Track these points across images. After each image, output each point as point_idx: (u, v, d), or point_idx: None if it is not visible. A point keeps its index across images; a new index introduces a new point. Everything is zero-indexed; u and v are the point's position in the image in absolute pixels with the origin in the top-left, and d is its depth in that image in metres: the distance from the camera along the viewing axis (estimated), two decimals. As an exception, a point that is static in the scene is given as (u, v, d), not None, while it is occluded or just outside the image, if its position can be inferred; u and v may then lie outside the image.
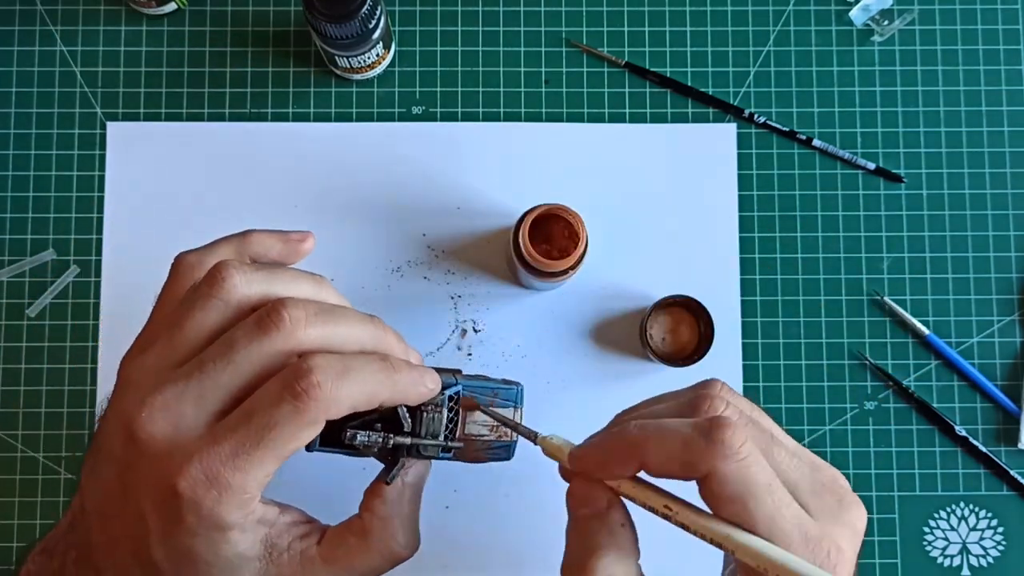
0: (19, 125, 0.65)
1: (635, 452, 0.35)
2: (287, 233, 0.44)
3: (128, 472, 0.36)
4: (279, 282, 0.39)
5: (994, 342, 0.65)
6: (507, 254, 0.62)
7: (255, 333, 0.36)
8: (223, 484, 0.35)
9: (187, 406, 0.36)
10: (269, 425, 0.35)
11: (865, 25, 0.67)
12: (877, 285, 0.65)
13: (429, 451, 0.42)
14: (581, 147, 0.65)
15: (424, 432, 0.42)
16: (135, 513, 0.36)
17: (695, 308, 0.62)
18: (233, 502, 0.35)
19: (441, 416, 0.42)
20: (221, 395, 0.36)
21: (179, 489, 0.35)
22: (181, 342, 0.37)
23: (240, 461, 0.35)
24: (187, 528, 0.35)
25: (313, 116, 0.66)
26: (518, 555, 0.62)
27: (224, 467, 0.35)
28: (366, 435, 0.40)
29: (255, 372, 0.36)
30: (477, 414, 0.43)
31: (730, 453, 0.33)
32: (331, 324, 0.38)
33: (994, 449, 0.64)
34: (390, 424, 0.41)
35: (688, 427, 0.34)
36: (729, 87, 0.66)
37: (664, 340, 0.63)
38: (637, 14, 0.67)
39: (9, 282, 0.64)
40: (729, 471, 0.33)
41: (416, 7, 0.67)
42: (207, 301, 0.38)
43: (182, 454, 0.35)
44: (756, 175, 0.66)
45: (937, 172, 0.66)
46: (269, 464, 0.36)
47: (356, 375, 0.37)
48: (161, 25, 0.66)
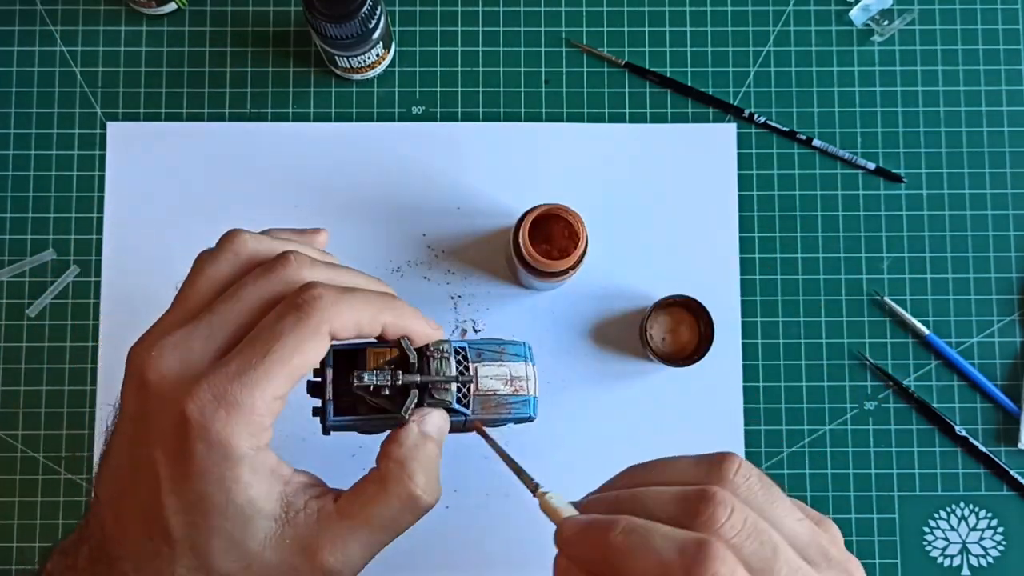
0: (19, 125, 0.65)
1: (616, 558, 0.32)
2: (302, 229, 0.44)
3: (139, 424, 0.37)
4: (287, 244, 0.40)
5: (994, 342, 0.65)
6: (507, 254, 0.62)
7: (263, 274, 0.37)
8: (231, 401, 0.35)
9: (195, 343, 0.36)
10: (274, 337, 0.35)
11: (865, 25, 0.67)
12: (877, 285, 0.65)
13: (442, 394, 0.41)
14: (581, 147, 0.65)
15: (433, 374, 0.41)
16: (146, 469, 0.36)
17: (695, 308, 0.62)
18: (242, 422, 0.35)
19: (449, 362, 0.41)
20: (229, 331, 0.36)
21: (187, 413, 0.35)
22: (193, 296, 0.38)
23: (247, 377, 0.35)
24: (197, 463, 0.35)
25: (313, 116, 0.66)
26: (518, 555, 0.62)
27: (231, 383, 0.35)
28: (374, 374, 0.39)
29: (262, 306, 0.37)
30: (489, 368, 0.42)
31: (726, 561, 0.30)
32: (335, 271, 0.39)
33: (994, 449, 0.64)
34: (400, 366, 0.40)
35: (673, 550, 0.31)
36: (729, 87, 0.66)
37: (664, 340, 0.63)
38: (637, 14, 0.67)
39: (9, 282, 0.64)
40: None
41: (416, 7, 0.67)
42: (219, 254, 0.39)
43: (191, 381, 0.35)
44: (756, 175, 0.66)
45: (937, 172, 0.66)
46: (276, 380, 0.35)
47: (358, 294, 0.37)
48: (161, 25, 0.66)
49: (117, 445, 0.38)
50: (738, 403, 0.63)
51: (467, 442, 0.62)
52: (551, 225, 0.58)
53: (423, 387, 0.41)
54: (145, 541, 0.37)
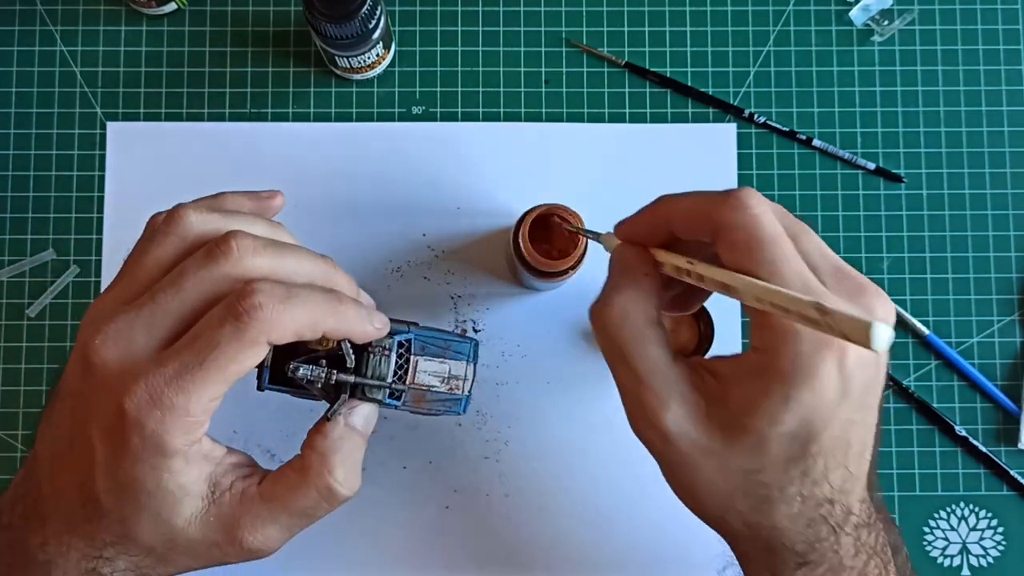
0: (19, 125, 0.65)
1: (665, 214, 0.38)
2: (257, 192, 0.44)
3: (80, 401, 0.38)
4: (234, 221, 0.40)
5: (994, 342, 0.65)
6: (507, 254, 0.62)
7: (203, 261, 0.38)
8: (166, 404, 0.36)
9: (138, 333, 0.37)
10: (211, 345, 0.36)
11: (865, 25, 0.67)
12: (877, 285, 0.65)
13: (374, 392, 0.42)
14: (581, 147, 0.65)
15: (369, 373, 0.42)
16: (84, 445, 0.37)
17: None
18: (176, 424, 0.36)
19: (389, 360, 0.42)
20: (170, 322, 0.37)
21: (125, 408, 0.36)
22: (138, 277, 0.39)
23: (183, 381, 0.36)
24: (132, 453, 0.36)
25: (313, 116, 0.66)
26: (518, 555, 0.62)
27: (168, 387, 0.36)
28: (309, 369, 0.41)
29: (203, 299, 0.37)
30: (429, 364, 0.43)
31: (741, 207, 0.35)
32: (280, 257, 0.39)
33: (994, 449, 0.64)
34: (336, 363, 0.41)
35: (713, 192, 0.36)
36: (729, 87, 0.66)
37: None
38: (637, 14, 0.67)
39: (9, 282, 0.64)
40: (738, 221, 0.35)
41: (416, 7, 0.67)
42: (164, 237, 0.39)
43: (131, 376, 0.36)
44: (756, 175, 0.66)
45: (937, 172, 0.66)
46: (212, 386, 0.36)
47: (300, 301, 0.37)
48: (161, 25, 0.66)
49: (59, 412, 0.39)
50: (738, 403, 0.63)
51: (467, 442, 0.63)
52: (551, 225, 0.58)
53: (356, 385, 0.42)
54: (77, 507, 0.38)
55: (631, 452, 0.63)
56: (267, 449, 0.62)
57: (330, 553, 0.62)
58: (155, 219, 0.41)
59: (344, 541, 0.62)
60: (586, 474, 0.63)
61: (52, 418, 0.40)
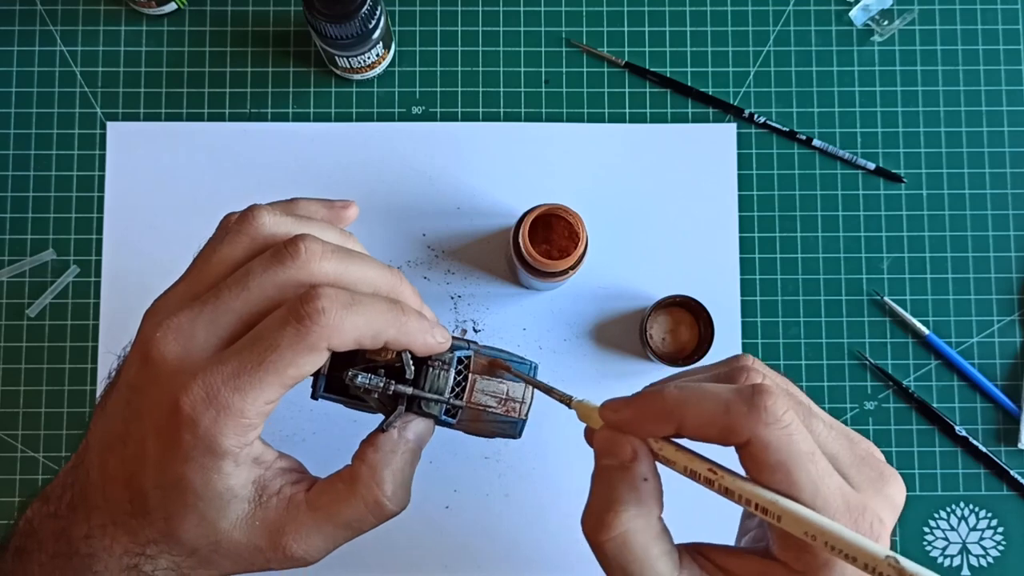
0: (19, 125, 0.65)
1: (674, 413, 0.34)
2: (331, 200, 0.44)
3: (137, 395, 0.37)
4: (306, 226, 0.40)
5: (994, 342, 0.65)
6: (507, 254, 0.62)
7: (270, 263, 0.37)
8: (222, 403, 0.35)
9: (199, 329, 0.37)
10: (271, 347, 0.36)
11: (865, 25, 0.67)
12: (877, 285, 0.65)
13: (431, 407, 0.41)
14: (581, 147, 0.65)
15: (427, 387, 0.41)
16: (137, 439, 0.37)
17: (695, 308, 0.62)
18: (230, 424, 0.36)
19: (448, 375, 0.41)
20: (232, 320, 0.37)
21: (180, 404, 0.35)
22: (204, 274, 0.39)
23: (240, 381, 0.35)
24: (183, 451, 0.36)
25: (313, 116, 0.66)
26: (518, 555, 0.62)
27: (225, 386, 0.35)
28: (368, 377, 0.40)
29: (268, 299, 0.37)
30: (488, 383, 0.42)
31: (773, 420, 0.32)
32: (347, 264, 0.39)
33: (994, 449, 0.64)
34: (395, 374, 0.40)
35: (730, 392, 0.33)
36: (729, 87, 0.66)
37: (664, 340, 0.63)
38: (637, 14, 0.67)
39: (9, 282, 0.64)
40: (772, 438, 0.32)
41: (416, 7, 0.67)
42: (235, 236, 0.39)
43: (188, 373, 0.36)
44: (756, 175, 0.66)
45: (937, 172, 0.66)
46: (269, 388, 0.36)
47: (363, 308, 0.37)
48: (161, 25, 0.66)
49: (114, 403, 0.39)
50: (738, 403, 0.63)
51: (467, 442, 0.63)
52: (551, 225, 0.58)
53: (413, 398, 0.41)
54: (124, 501, 0.38)
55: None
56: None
57: (330, 553, 0.62)
58: (228, 218, 0.41)
59: (344, 541, 0.62)
60: (586, 474, 0.63)
61: (107, 408, 0.39)
